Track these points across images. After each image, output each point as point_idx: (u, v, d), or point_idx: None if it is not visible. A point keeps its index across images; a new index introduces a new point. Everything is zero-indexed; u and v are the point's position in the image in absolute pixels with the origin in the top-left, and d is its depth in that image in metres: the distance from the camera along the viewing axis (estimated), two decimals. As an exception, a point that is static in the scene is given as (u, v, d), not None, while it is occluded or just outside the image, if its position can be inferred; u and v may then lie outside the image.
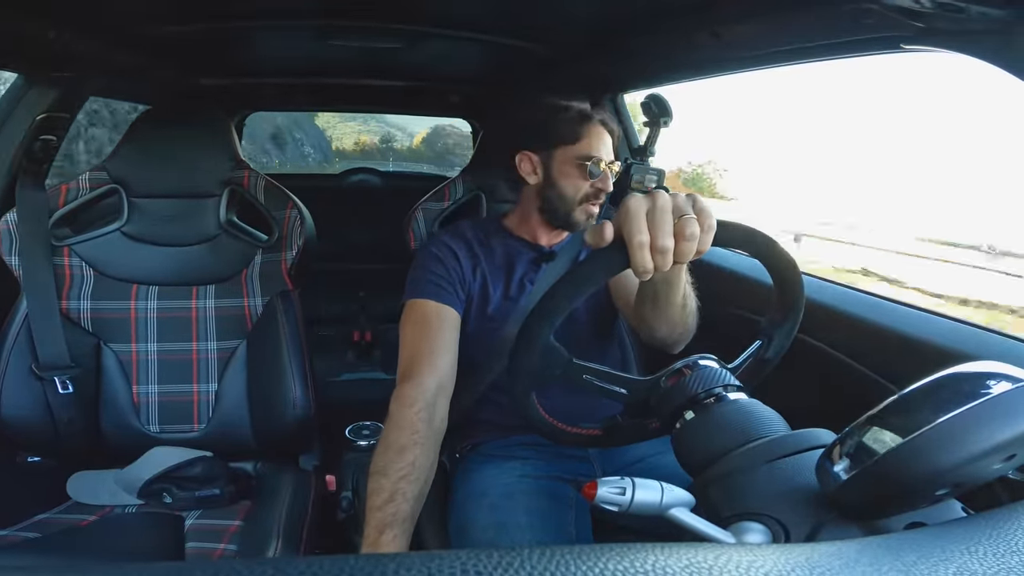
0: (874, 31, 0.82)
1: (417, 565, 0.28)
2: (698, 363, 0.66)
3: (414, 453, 0.85)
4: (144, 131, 1.25)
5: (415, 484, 0.83)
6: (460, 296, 1.10)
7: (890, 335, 0.93)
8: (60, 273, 1.20)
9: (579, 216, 1.13)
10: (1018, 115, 9.81)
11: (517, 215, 1.22)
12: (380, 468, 0.84)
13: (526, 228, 1.20)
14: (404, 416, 0.89)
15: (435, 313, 1.05)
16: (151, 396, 1.24)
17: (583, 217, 1.13)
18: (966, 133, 15.11)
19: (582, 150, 1.10)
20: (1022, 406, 0.39)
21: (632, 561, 0.29)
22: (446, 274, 1.11)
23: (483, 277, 1.13)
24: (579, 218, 1.13)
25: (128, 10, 1.10)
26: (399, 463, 0.83)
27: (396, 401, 0.92)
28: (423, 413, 0.90)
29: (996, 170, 11.52)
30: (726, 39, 1.07)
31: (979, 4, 0.63)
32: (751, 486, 0.50)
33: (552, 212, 1.15)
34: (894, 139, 16.33)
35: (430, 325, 1.04)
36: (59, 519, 1.11)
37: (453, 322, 1.06)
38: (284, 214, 1.27)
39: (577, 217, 1.13)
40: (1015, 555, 0.33)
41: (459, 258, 1.13)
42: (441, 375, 0.97)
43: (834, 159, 12.50)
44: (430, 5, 1.16)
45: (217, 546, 1.05)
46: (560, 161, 1.12)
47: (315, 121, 17.38)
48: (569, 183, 1.12)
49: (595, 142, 1.11)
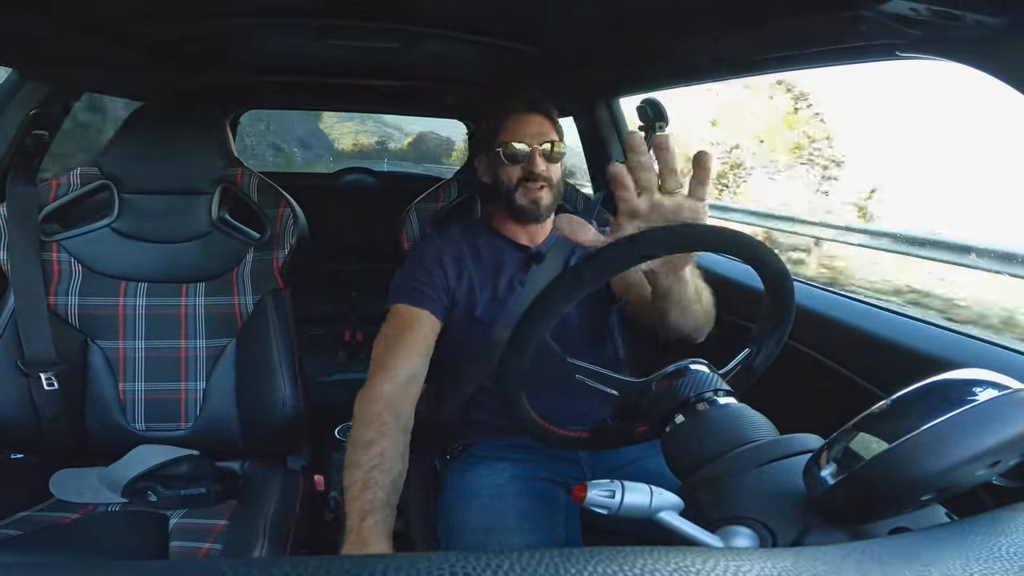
0: (870, 38, 0.83)
1: (406, 567, 0.28)
2: (689, 367, 0.66)
3: (381, 445, 0.91)
4: (137, 127, 1.24)
5: (387, 473, 0.88)
6: (442, 301, 1.12)
7: (878, 342, 0.94)
8: (48, 268, 1.19)
9: (520, 201, 1.16)
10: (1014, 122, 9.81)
11: (495, 214, 1.25)
12: (351, 462, 0.90)
13: (505, 227, 1.22)
14: (368, 412, 0.95)
15: (409, 317, 1.08)
16: (137, 394, 1.23)
17: (525, 202, 1.16)
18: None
19: (503, 139, 1.15)
20: (1007, 413, 0.39)
21: (621, 565, 0.29)
22: (428, 280, 1.12)
23: (470, 280, 1.14)
24: (521, 203, 1.16)
25: (122, 6, 1.09)
26: (367, 455, 0.89)
27: (360, 400, 0.98)
28: (387, 408, 0.96)
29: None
30: (723, 45, 1.08)
31: (975, 12, 0.64)
32: (739, 490, 0.51)
33: (504, 206, 1.19)
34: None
35: (403, 328, 1.07)
36: (41, 517, 1.09)
37: (429, 326, 1.09)
38: (277, 212, 1.26)
39: (519, 202, 1.16)
40: (999, 560, 0.34)
41: (443, 263, 1.15)
42: (409, 373, 1.01)
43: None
44: (427, 6, 1.16)
45: (202, 545, 1.04)
46: (494, 157, 1.17)
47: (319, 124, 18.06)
48: (503, 173, 1.16)
49: (513, 129, 1.15)
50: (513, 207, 1.17)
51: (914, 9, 0.67)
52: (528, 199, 1.15)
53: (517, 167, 1.14)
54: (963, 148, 10.32)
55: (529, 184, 1.14)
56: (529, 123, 1.15)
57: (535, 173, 1.13)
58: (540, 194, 1.15)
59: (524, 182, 1.15)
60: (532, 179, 1.14)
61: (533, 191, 1.15)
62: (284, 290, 1.28)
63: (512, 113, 1.16)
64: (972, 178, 9.49)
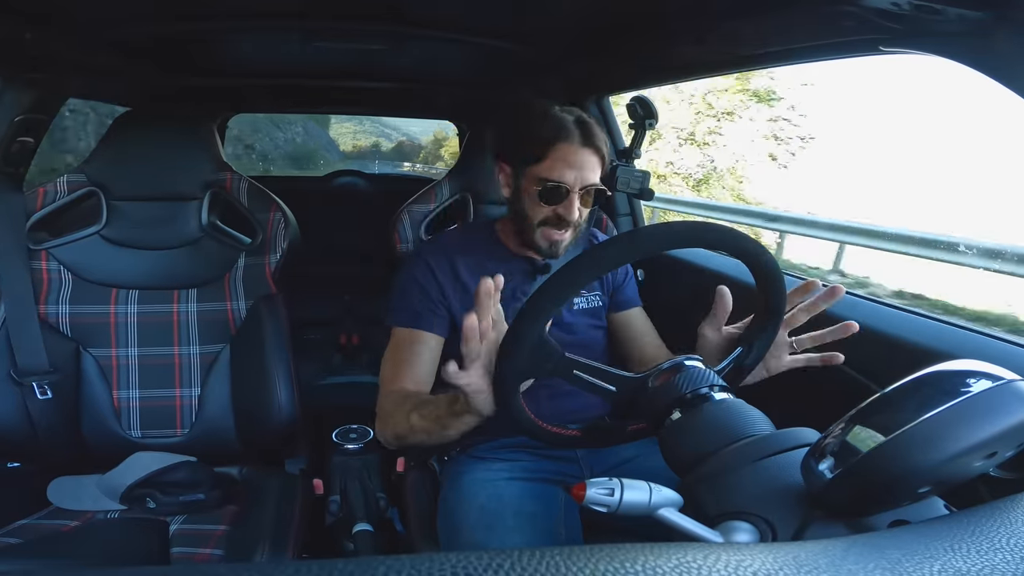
0: (853, 33, 0.83)
1: (407, 568, 0.28)
2: (685, 363, 0.66)
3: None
4: (124, 133, 1.23)
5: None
6: (440, 314, 1.09)
7: (873, 335, 0.94)
8: (37, 277, 1.18)
9: (539, 241, 1.06)
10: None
11: (506, 229, 1.18)
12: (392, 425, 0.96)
13: (512, 241, 1.16)
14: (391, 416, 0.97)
15: (410, 339, 1.07)
16: (132, 401, 1.23)
17: (544, 243, 1.06)
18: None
19: (543, 172, 1.02)
20: (1002, 405, 0.40)
21: (622, 562, 0.29)
22: (423, 296, 1.09)
23: (464, 290, 1.10)
24: (539, 242, 1.07)
25: (106, 10, 1.08)
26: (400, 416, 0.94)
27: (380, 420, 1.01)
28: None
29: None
30: (709, 42, 1.08)
31: (957, 6, 0.64)
32: (738, 485, 0.51)
33: (518, 229, 1.10)
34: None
35: (405, 352, 1.07)
36: (41, 524, 1.09)
37: (430, 345, 1.08)
38: (268, 217, 1.26)
39: (537, 241, 1.07)
40: (997, 552, 0.34)
41: (436, 274, 1.10)
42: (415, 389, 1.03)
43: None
44: (415, 7, 1.16)
45: (203, 551, 1.04)
46: (526, 178, 1.05)
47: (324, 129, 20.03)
48: (531, 204, 1.05)
49: (559, 165, 1.01)
50: (529, 242, 1.09)
51: (896, 4, 0.67)
52: (547, 240, 1.06)
53: (549, 207, 1.03)
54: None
55: (554, 228, 1.05)
56: (577, 158, 1.01)
57: (566, 220, 1.03)
58: (563, 237, 1.06)
59: (550, 223, 1.04)
60: (560, 225, 1.04)
61: (556, 235, 1.05)
62: (277, 294, 1.27)
63: (560, 141, 1.01)
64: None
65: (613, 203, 1.70)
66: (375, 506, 1.41)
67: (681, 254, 1.52)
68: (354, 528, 1.32)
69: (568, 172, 1.01)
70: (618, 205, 1.70)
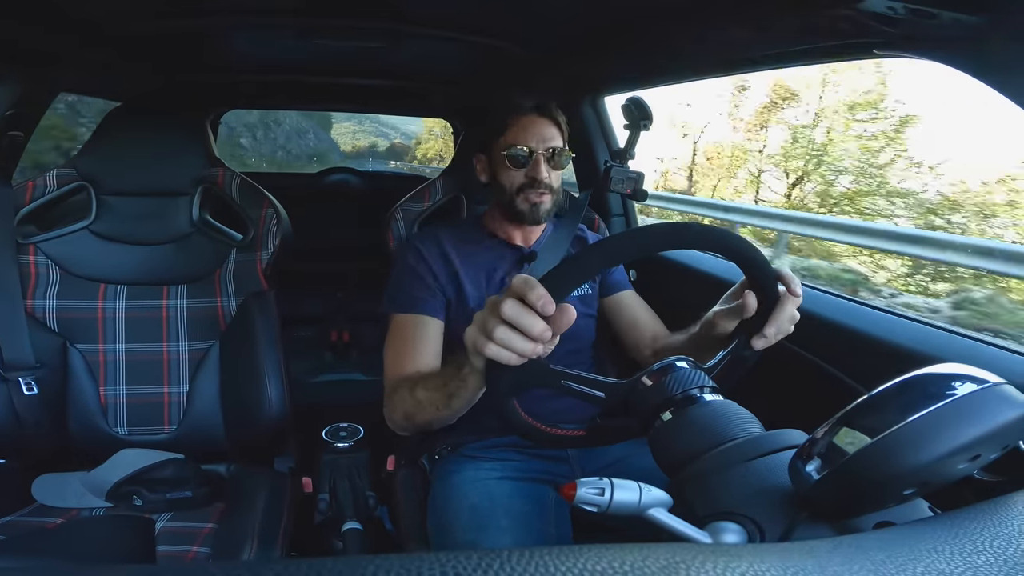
0: (849, 37, 0.84)
1: (396, 567, 0.28)
2: (674, 364, 0.66)
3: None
4: (115, 128, 1.22)
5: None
6: (437, 297, 1.12)
7: (859, 337, 0.95)
8: (25, 271, 1.17)
9: (521, 206, 1.14)
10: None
11: (491, 214, 1.24)
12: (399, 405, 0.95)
13: (499, 227, 1.21)
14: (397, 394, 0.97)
15: (411, 324, 1.09)
16: (119, 397, 1.22)
17: (526, 207, 1.14)
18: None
19: (508, 140, 1.12)
20: (986, 407, 0.40)
21: (611, 561, 0.30)
22: (420, 281, 1.12)
23: (457, 280, 1.13)
24: (522, 208, 1.14)
25: (97, 3, 1.07)
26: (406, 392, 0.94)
27: (387, 406, 1.00)
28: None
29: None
30: (705, 44, 1.08)
31: (951, 10, 0.65)
32: (727, 486, 0.51)
33: (502, 206, 1.17)
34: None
35: (407, 337, 1.07)
36: (24, 522, 1.08)
37: (433, 328, 1.09)
38: (260, 213, 1.25)
39: (520, 207, 1.14)
40: (981, 554, 0.34)
41: (429, 262, 1.14)
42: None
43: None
44: (411, 5, 1.16)
45: (190, 549, 1.03)
46: (495, 155, 1.15)
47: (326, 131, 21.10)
48: (504, 175, 1.14)
49: (521, 131, 1.12)
50: (512, 211, 1.15)
51: (891, 7, 0.67)
52: (528, 204, 1.13)
53: (520, 171, 1.12)
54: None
55: (531, 190, 1.12)
56: (535, 126, 1.12)
57: (538, 179, 1.11)
58: (541, 199, 1.13)
59: (526, 188, 1.12)
60: (534, 185, 1.12)
61: (534, 197, 1.13)
62: (268, 291, 1.26)
63: (518, 114, 1.13)
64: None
65: (607, 204, 1.70)
66: (364, 504, 1.41)
67: (674, 255, 1.53)
68: (343, 527, 1.31)
69: (530, 137, 1.12)
70: (611, 206, 1.71)
